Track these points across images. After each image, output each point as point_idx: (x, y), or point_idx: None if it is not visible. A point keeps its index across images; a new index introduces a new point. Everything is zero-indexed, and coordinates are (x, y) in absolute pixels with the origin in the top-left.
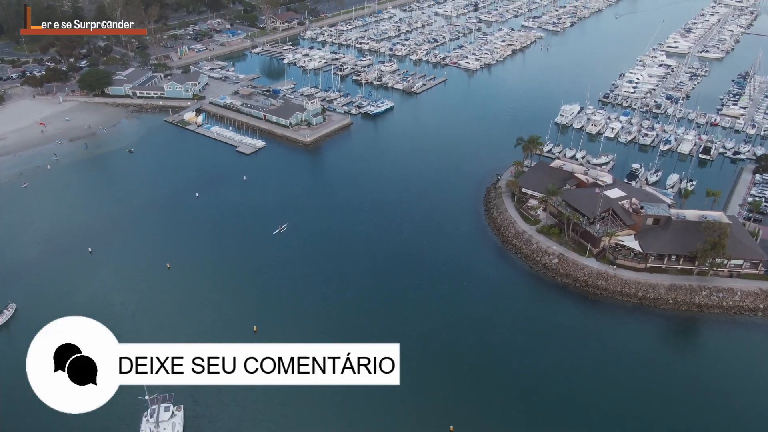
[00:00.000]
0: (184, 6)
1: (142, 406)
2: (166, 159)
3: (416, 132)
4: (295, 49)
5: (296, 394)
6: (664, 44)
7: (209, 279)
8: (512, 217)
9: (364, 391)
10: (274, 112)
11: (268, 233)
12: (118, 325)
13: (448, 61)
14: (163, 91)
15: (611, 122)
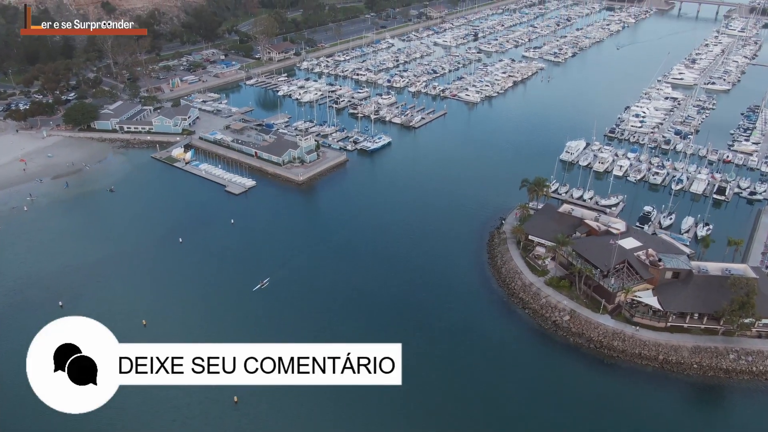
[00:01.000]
0: (179, 36)
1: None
2: (151, 199)
3: (415, 170)
4: (291, 81)
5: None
6: (668, 76)
7: (183, 340)
8: (518, 267)
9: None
10: (266, 149)
11: (250, 288)
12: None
13: (448, 93)
14: (152, 126)
15: (619, 159)
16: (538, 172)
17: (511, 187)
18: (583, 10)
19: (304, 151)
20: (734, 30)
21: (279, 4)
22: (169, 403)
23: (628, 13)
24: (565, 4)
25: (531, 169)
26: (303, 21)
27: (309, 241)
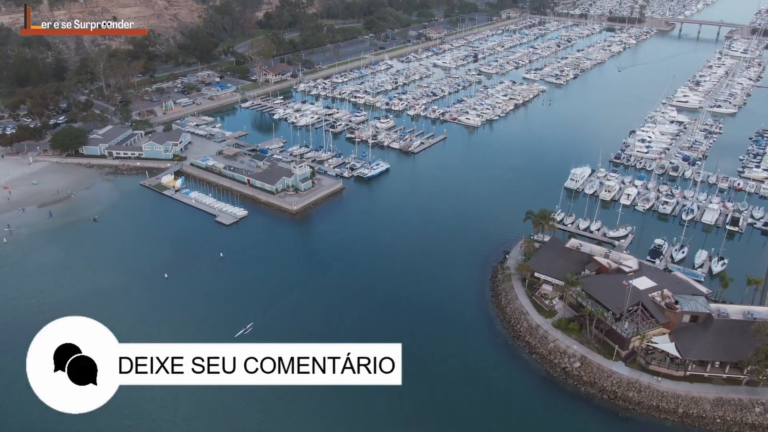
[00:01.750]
0: (173, 58)
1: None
2: (137, 230)
3: (414, 198)
4: (287, 104)
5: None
6: (673, 98)
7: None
8: (524, 306)
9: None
10: (259, 177)
11: (231, 335)
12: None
13: (448, 116)
14: (142, 152)
15: (626, 187)
16: (542, 201)
17: (515, 216)
18: (584, 31)
19: (298, 179)
20: (737, 51)
21: (277, 25)
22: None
23: (628, 34)
24: (565, 25)
25: (535, 197)
26: (301, 42)
27: (301, 277)
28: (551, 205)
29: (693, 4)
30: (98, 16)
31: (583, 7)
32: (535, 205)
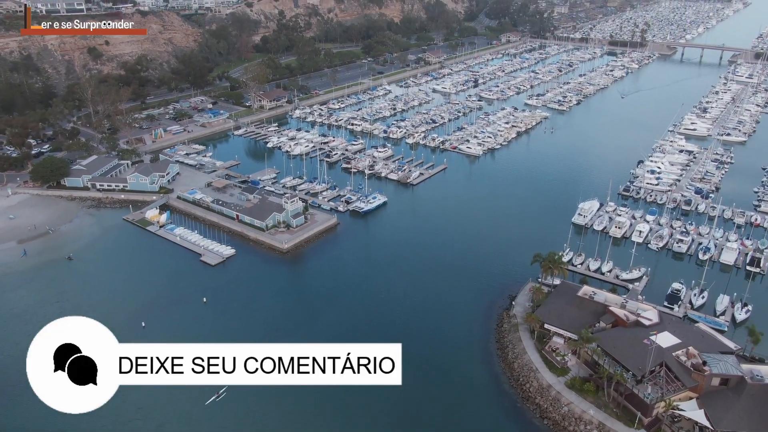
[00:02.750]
0: (166, 83)
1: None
2: (114, 270)
3: (412, 234)
4: (281, 131)
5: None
6: (680, 126)
7: None
8: (533, 362)
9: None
10: (248, 212)
11: (202, 401)
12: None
13: (448, 145)
14: (126, 183)
15: (637, 223)
16: (549, 238)
17: (520, 255)
18: (585, 55)
19: (290, 215)
20: (742, 76)
21: (274, 49)
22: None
23: (630, 59)
24: (566, 49)
25: (541, 233)
26: (297, 66)
27: (289, 327)
28: (559, 242)
29: (693, 28)
30: (90, 41)
31: (583, 30)
32: (541, 243)
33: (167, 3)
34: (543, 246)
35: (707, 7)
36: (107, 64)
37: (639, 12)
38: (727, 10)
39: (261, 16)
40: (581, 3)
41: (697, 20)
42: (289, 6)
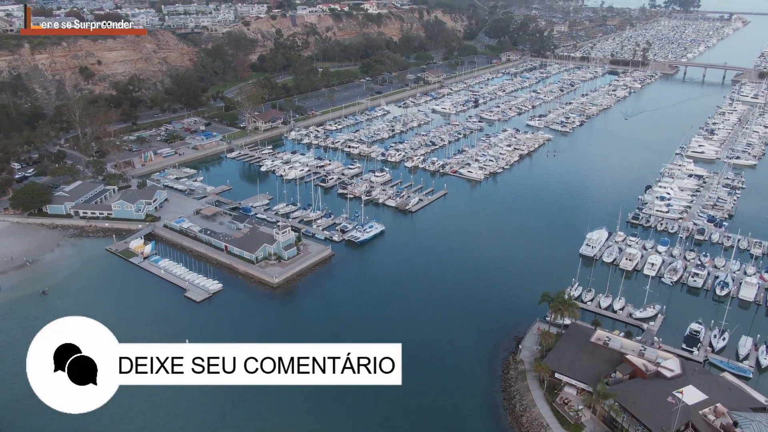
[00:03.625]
0: (159, 104)
1: None
2: (90, 308)
3: (410, 267)
4: (276, 154)
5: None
6: (687, 149)
7: None
8: (543, 417)
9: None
10: (238, 243)
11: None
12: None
13: (448, 169)
14: (111, 211)
15: (648, 254)
16: (555, 271)
17: (526, 290)
18: (586, 74)
19: (281, 246)
20: (747, 96)
21: (270, 68)
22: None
23: (633, 78)
24: (567, 68)
25: (547, 266)
26: (294, 86)
27: None
28: (566, 275)
29: (694, 46)
30: (82, 60)
31: (583, 49)
32: (548, 277)
33: (163, 22)
34: (550, 280)
35: (706, 25)
36: (99, 84)
37: (639, 30)
38: (726, 28)
39: (258, 34)
40: (581, 21)
41: (698, 39)
42: (287, 25)
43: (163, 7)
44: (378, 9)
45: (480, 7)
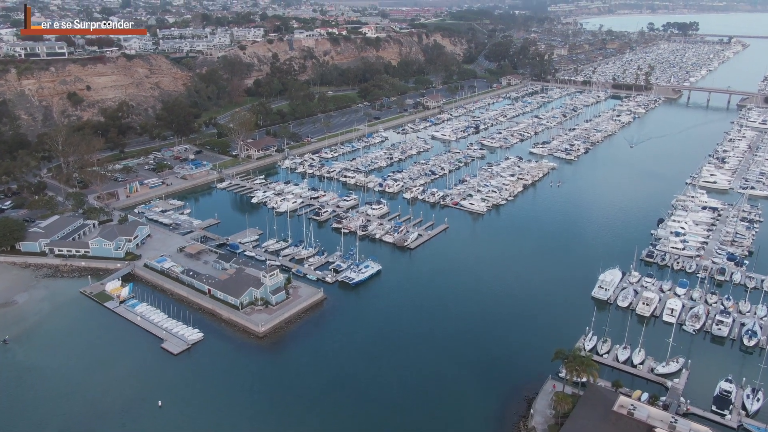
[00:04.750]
0: (148, 131)
1: None
2: (56, 362)
3: (409, 312)
4: (268, 184)
5: None
6: (699, 178)
7: None
8: None
9: None
10: (222, 286)
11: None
12: None
13: (449, 200)
14: (88, 249)
15: (666, 296)
16: (567, 318)
17: (535, 340)
18: (589, 99)
19: (268, 290)
20: (755, 122)
21: (266, 93)
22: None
23: (636, 103)
24: (569, 93)
25: (558, 312)
26: (290, 112)
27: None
28: (579, 323)
29: (696, 70)
30: (70, 85)
31: (585, 73)
32: (559, 325)
33: (157, 46)
34: (561, 328)
35: (706, 49)
36: (88, 110)
37: (639, 54)
38: (727, 52)
39: (254, 58)
40: (580, 45)
41: (699, 62)
42: (284, 49)
43: (159, 31)
44: (376, 33)
45: (479, 31)
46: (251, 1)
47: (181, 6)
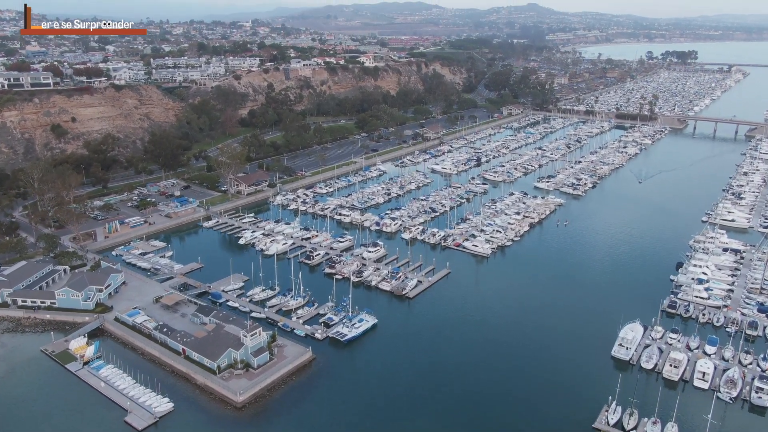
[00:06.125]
0: (134, 165)
1: None
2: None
3: (407, 373)
4: (258, 222)
5: None
6: (715, 216)
7: None
8: None
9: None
10: (198, 346)
11: None
12: None
13: (451, 241)
14: (54, 300)
15: (695, 356)
16: (585, 383)
17: (550, 409)
18: (593, 129)
19: (250, 351)
20: (766, 154)
21: (261, 124)
22: None
23: (642, 133)
24: (572, 122)
25: (574, 375)
26: (284, 144)
27: None
28: (599, 390)
29: (699, 99)
30: (55, 117)
31: (587, 102)
32: (577, 391)
33: (149, 76)
34: (579, 396)
35: (707, 77)
36: (72, 143)
37: (640, 82)
38: (728, 80)
39: (249, 88)
40: (580, 73)
41: (701, 91)
42: (280, 78)
43: (152, 60)
44: (375, 62)
45: (478, 60)
46: (251, 30)
47: (181, 35)
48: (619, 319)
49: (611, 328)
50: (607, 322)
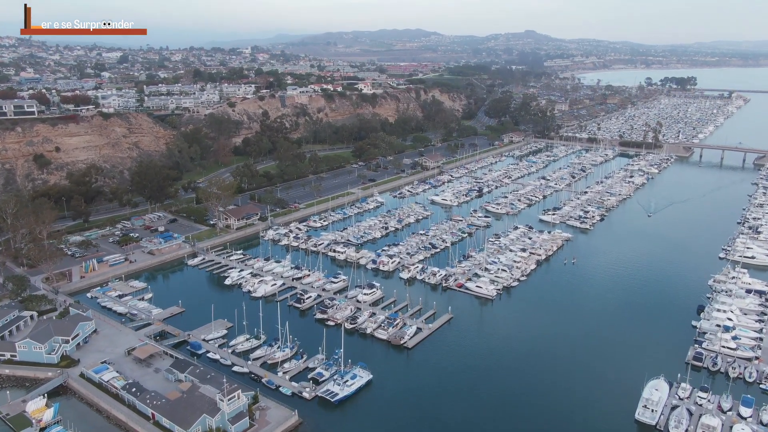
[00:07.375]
0: (117, 198)
1: None
2: None
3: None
4: (246, 260)
5: None
6: (733, 253)
7: None
8: None
9: None
10: (169, 410)
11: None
12: None
13: (452, 281)
14: (14, 352)
15: (728, 419)
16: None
17: None
18: (597, 157)
19: (227, 418)
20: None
21: (255, 152)
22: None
23: (647, 162)
24: (574, 150)
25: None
26: (277, 174)
27: None
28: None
29: (702, 126)
30: (38, 147)
31: (589, 130)
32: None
33: (140, 104)
34: None
35: (708, 104)
36: (55, 173)
37: (641, 109)
38: (729, 106)
39: (243, 116)
40: (580, 100)
41: (704, 118)
42: (276, 106)
43: (146, 87)
44: (373, 89)
45: (478, 86)
46: (250, 57)
47: (179, 61)
48: (639, 374)
49: (632, 384)
50: (627, 378)
